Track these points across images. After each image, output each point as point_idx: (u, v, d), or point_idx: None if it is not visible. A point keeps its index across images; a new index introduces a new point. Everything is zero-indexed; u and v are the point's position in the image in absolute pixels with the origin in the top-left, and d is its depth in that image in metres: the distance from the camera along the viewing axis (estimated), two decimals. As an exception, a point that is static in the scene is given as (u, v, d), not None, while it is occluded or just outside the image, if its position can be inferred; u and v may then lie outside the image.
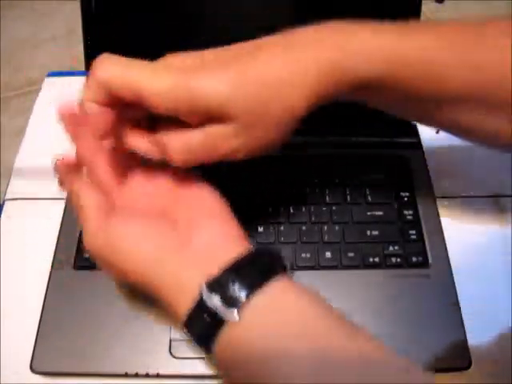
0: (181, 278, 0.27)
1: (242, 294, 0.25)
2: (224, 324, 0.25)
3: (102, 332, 0.35)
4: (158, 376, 0.33)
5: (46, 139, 0.46)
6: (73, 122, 0.30)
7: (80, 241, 0.39)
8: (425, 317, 0.35)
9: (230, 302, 0.25)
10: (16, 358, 0.34)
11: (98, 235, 0.29)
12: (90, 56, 0.42)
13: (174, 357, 0.34)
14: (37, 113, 0.50)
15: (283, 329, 0.25)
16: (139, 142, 0.31)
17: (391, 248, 0.38)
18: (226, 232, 0.29)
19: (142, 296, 0.30)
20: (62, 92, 0.51)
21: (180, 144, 0.29)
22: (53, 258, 0.38)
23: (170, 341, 0.34)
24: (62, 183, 0.32)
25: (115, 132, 0.30)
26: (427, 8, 1.33)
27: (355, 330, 0.26)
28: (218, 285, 0.26)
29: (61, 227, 0.40)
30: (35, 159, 0.46)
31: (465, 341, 0.34)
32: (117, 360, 0.34)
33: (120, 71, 0.28)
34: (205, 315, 0.26)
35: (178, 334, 0.34)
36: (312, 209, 0.40)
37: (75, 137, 0.31)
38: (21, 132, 0.48)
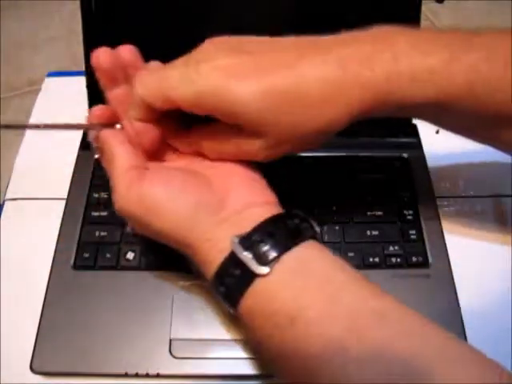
0: (215, 235, 0.28)
1: (272, 254, 0.26)
2: (254, 278, 0.26)
3: (102, 332, 0.35)
4: (157, 376, 0.33)
5: (46, 139, 0.46)
6: (106, 70, 0.31)
7: (80, 241, 0.39)
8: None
9: (261, 259, 0.26)
10: (16, 357, 0.34)
11: (131, 194, 0.29)
12: (90, 56, 0.42)
13: (174, 357, 0.34)
14: (37, 113, 0.50)
15: (311, 285, 0.26)
16: (176, 140, 0.32)
17: (391, 248, 0.38)
18: (260, 196, 0.30)
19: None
20: (62, 92, 0.51)
21: (213, 148, 0.30)
22: (53, 258, 0.38)
23: (170, 341, 0.34)
24: (95, 139, 0.32)
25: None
26: (427, 8, 1.33)
27: (380, 292, 0.27)
28: (249, 242, 0.27)
29: (61, 227, 0.40)
30: (35, 159, 0.46)
31: (465, 341, 0.34)
32: (117, 360, 0.34)
33: (154, 85, 0.28)
34: (236, 269, 0.27)
35: (178, 334, 0.34)
36: (312, 209, 0.40)
37: (107, 87, 0.32)
38: (21, 132, 0.48)
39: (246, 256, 0.26)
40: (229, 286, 0.27)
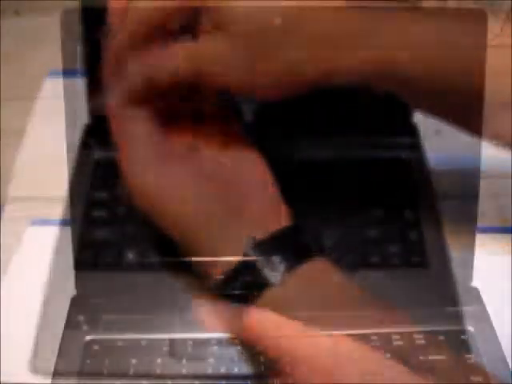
0: (228, 240, 0.28)
1: (283, 265, 0.27)
2: (265, 286, 0.26)
3: (101, 332, 0.35)
4: (158, 376, 0.33)
5: (45, 139, 0.46)
6: None
7: (80, 241, 0.39)
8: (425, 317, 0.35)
9: (273, 269, 0.27)
10: (16, 357, 0.34)
11: (149, 172, 0.29)
12: (90, 56, 0.42)
13: (174, 357, 0.34)
14: (37, 113, 0.50)
15: (320, 299, 0.27)
16: None
17: (391, 248, 0.38)
18: (275, 206, 0.30)
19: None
20: (62, 92, 0.51)
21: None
22: (52, 258, 0.38)
23: (170, 341, 0.34)
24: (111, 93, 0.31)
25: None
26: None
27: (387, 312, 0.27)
28: (261, 251, 0.27)
29: (61, 227, 0.40)
30: (35, 159, 0.46)
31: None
32: (117, 360, 0.34)
33: None
34: (246, 275, 0.27)
35: (177, 334, 0.34)
36: (311, 209, 0.40)
37: None
38: (21, 132, 0.48)
39: (259, 263, 0.27)
40: (236, 294, 0.27)
